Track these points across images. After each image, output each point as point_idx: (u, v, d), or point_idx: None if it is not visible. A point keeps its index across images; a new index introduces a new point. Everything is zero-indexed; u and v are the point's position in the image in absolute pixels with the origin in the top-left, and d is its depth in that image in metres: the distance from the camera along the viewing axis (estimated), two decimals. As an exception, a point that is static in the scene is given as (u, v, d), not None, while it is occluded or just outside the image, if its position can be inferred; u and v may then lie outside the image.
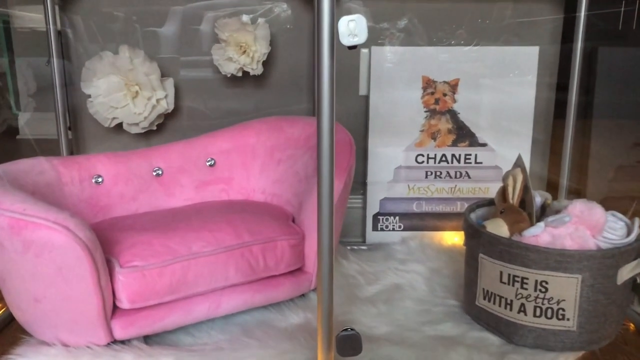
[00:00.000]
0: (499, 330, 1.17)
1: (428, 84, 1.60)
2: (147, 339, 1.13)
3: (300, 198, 1.33)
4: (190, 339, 1.14)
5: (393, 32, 1.62)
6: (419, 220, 1.67)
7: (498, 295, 1.15)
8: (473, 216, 1.30)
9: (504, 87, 1.61)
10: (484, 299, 1.19)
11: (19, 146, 1.88)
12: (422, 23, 1.61)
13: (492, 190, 1.66)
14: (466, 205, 1.67)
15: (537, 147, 1.67)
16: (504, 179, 1.28)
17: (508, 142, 1.64)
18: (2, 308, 1.27)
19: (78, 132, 1.66)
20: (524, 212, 1.20)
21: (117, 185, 1.32)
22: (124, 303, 1.05)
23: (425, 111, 1.62)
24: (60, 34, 1.58)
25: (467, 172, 1.65)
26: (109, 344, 1.06)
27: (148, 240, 1.10)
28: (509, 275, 1.12)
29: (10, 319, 1.24)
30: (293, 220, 1.32)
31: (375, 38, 1.61)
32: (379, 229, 1.68)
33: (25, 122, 1.86)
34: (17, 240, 0.96)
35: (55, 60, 1.55)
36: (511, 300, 1.13)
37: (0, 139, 1.83)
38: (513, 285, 1.12)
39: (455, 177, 1.65)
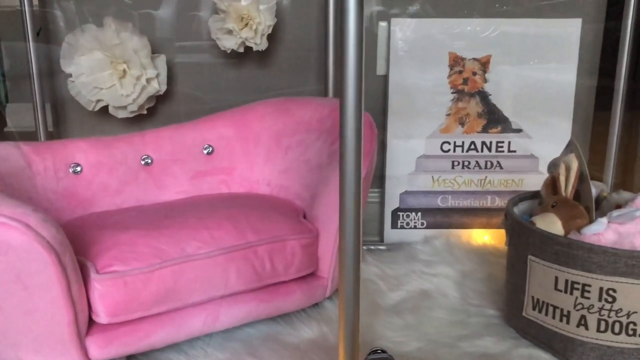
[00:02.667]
0: (551, 347, 0.98)
1: (455, 62, 1.41)
2: (130, 359, 0.94)
3: (312, 190, 1.14)
4: (183, 358, 0.95)
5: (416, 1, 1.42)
6: (444, 217, 1.48)
7: (552, 305, 0.96)
8: (515, 211, 1.11)
9: (542, 65, 1.41)
10: (534, 309, 1.00)
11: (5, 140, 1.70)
12: (449, -8, 1.42)
13: (526, 182, 1.47)
14: (497, 199, 1.48)
15: (576, 135, 1.48)
16: (552, 167, 1.09)
17: (546, 127, 1.44)
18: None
19: (59, 118, 1.47)
20: (580, 205, 1.01)
21: (99, 176, 1.13)
22: (101, 317, 0.86)
23: (452, 92, 1.42)
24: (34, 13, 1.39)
25: (498, 162, 1.46)
26: (83, 366, 0.87)
27: (131, 240, 0.91)
28: (567, 281, 0.93)
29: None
30: (304, 217, 1.13)
31: (394, 7, 1.41)
32: (399, 227, 1.48)
33: (12, 113, 1.67)
34: (-35, 241, 0.77)
35: (30, 38, 1.37)
36: (568, 312, 0.94)
37: None
38: (571, 293, 0.93)
39: (486, 167, 1.46)
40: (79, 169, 1.12)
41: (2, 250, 0.77)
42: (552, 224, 0.99)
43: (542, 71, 1.41)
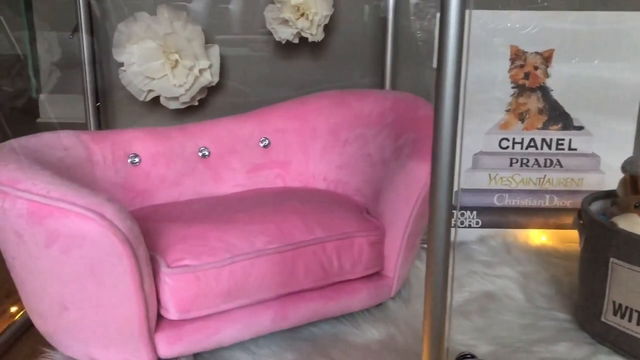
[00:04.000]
0: (634, 355, 0.93)
1: (517, 55, 1.36)
2: (197, 357, 0.91)
3: (375, 186, 1.10)
4: (250, 357, 0.92)
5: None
6: (500, 216, 1.43)
7: (637, 311, 0.91)
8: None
9: (607, 61, 1.35)
10: (615, 314, 0.95)
11: (40, 130, 1.68)
12: (511, -17, 1.37)
13: (586, 181, 1.42)
14: (556, 199, 1.43)
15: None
16: (629, 165, 1.04)
17: (608, 126, 1.38)
18: (19, 313, 1.06)
19: (107, 108, 1.44)
20: (665, 206, 0.96)
21: (157, 167, 1.10)
22: (171, 313, 0.83)
23: (513, 87, 1.37)
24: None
25: (558, 160, 1.41)
26: (151, 363, 0.84)
27: (201, 233, 0.88)
28: (655, 286, 0.88)
29: (27, 327, 1.03)
30: (367, 213, 1.09)
31: None
32: (453, 225, 1.43)
33: (48, 103, 1.65)
34: (39, 231, 0.74)
35: (83, 27, 1.34)
36: (655, 318, 0.89)
37: (19, 122, 1.62)
38: (660, 298, 0.88)
39: (545, 165, 1.41)
40: (137, 159, 1.09)
41: (77, 242, 0.74)
42: (636, 224, 0.94)
43: (608, 68, 1.35)
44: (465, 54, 0.65)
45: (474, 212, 1.43)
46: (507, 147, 1.40)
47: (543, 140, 1.40)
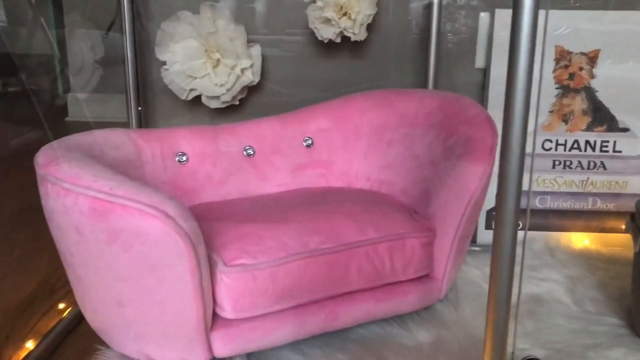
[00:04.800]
0: (694, 362, 0.91)
1: (562, 56, 1.34)
2: (250, 357, 0.91)
3: (422, 187, 1.09)
4: (301, 357, 0.91)
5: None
6: (542, 219, 1.41)
7: (698, 317, 0.89)
8: (644, 214, 1.04)
9: (655, 60, 1.33)
10: (674, 320, 0.93)
11: (69, 129, 1.69)
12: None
13: (631, 184, 1.39)
14: (599, 201, 1.40)
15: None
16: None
17: (654, 127, 1.36)
18: (67, 310, 1.06)
19: (147, 107, 1.44)
20: None
21: (204, 166, 1.10)
22: (227, 311, 0.83)
23: (557, 88, 1.35)
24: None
25: (602, 163, 1.38)
26: (205, 362, 0.84)
27: (256, 232, 0.87)
28: None
29: (75, 323, 1.03)
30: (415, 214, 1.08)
31: None
32: (493, 227, 1.42)
33: (77, 102, 1.66)
34: (101, 228, 0.74)
35: (127, 27, 1.34)
36: None
37: (47, 121, 1.63)
38: None
39: (588, 168, 1.39)
40: (184, 158, 1.09)
41: (139, 239, 0.74)
42: (697, 229, 0.92)
43: (655, 67, 1.33)
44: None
45: (515, 215, 1.41)
46: (550, 148, 1.38)
47: (587, 142, 1.38)
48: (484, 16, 1.36)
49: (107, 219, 0.73)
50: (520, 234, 1.39)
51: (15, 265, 1.29)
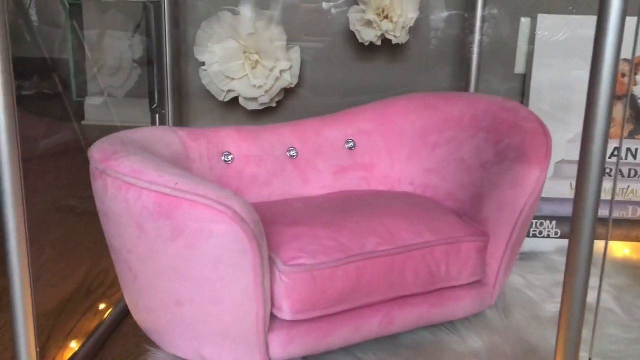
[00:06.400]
0: None
1: (604, 62, 1.32)
2: (304, 361, 0.88)
3: (472, 191, 1.07)
4: (356, 362, 0.89)
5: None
6: (581, 227, 1.39)
7: None
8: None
9: (698, 68, 1.32)
10: None
11: (86, 132, 1.68)
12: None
13: (671, 194, 1.37)
14: (639, 210, 1.38)
15: None
16: None
17: (696, 136, 1.34)
18: (109, 309, 1.04)
19: (182, 108, 1.43)
20: None
21: (249, 166, 1.08)
22: (285, 313, 0.81)
23: (599, 95, 1.34)
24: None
25: (643, 171, 1.37)
26: (261, 365, 0.82)
27: (313, 232, 0.85)
28: None
29: (118, 322, 1.01)
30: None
31: (542, 4, 1.34)
32: (531, 235, 1.40)
33: (94, 106, 1.65)
34: (165, 224, 0.72)
35: (167, 26, 1.32)
36: None
37: (64, 125, 1.61)
38: None
39: (629, 176, 1.37)
40: (230, 158, 1.07)
41: (205, 236, 0.72)
42: None
43: (698, 75, 1.32)
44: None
45: (554, 222, 1.39)
46: (591, 156, 1.36)
47: (628, 149, 1.36)
48: (524, 22, 1.35)
49: (173, 214, 0.72)
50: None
51: (49, 266, 1.27)
